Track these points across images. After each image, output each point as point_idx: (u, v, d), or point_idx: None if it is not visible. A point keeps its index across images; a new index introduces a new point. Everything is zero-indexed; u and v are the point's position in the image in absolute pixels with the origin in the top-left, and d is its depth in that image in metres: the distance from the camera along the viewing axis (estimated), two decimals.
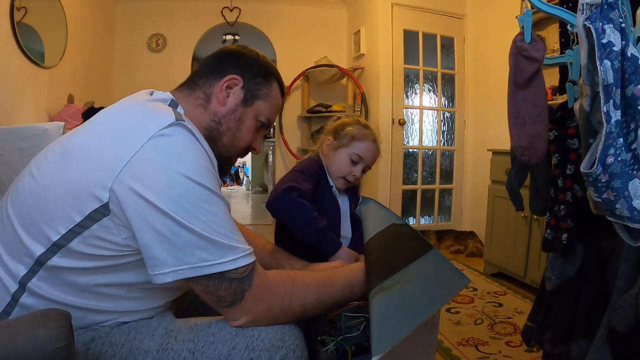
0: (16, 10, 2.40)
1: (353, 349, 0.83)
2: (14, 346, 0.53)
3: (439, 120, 3.82)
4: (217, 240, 0.66)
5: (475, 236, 3.29)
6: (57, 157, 0.71)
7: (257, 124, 0.88)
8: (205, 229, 0.65)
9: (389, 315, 0.69)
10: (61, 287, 0.69)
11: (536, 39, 0.98)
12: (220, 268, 0.66)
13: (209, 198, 0.67)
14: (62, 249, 0.67)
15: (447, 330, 1.90)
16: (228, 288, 0.68)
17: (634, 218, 0.75)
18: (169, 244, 0.64)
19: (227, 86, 0.84)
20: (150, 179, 0.64)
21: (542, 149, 1.02)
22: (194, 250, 0.65)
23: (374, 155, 1.28)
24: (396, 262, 0.83)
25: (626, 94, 0.75)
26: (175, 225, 0.64)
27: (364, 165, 1.27)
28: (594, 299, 1.01)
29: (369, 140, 1.26)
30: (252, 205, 6.22)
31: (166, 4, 4.10)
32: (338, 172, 1.27)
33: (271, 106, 0.89)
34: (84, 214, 0.65)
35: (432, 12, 3.67)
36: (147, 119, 0.68)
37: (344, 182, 1.28)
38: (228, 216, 0.70)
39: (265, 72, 0.88)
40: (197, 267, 0.65)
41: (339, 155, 1.26)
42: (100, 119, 0.73)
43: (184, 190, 0.65)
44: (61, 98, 2.94)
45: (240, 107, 0.85)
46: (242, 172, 8.82)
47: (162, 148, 0.65)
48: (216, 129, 0.83)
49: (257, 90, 0.86)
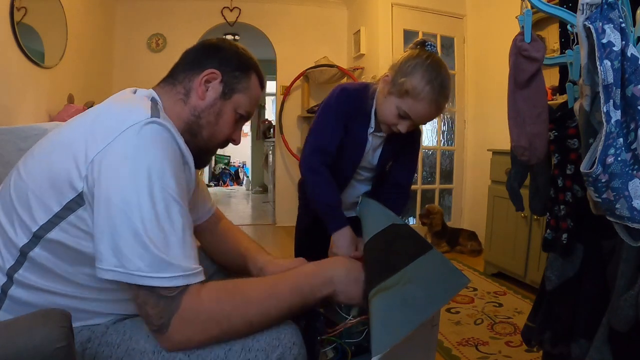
0: (16, 10, 2.40)
1: (353, 349, 0.83)
2: (14, 346, 0.53)
3: (439, 120, 3.82)
4: (156, 254, 0.63)
5: (475, 236, 3.29)
6: (43, 151, 0.73)
7: (236, 117, 0.88)
8: (149, 235, 0.63)
9: (389, 315, 0.69)
10: (47, 276, 0.69)
11: (536, 39, 0.98)
12: (152, 282, 0.63)
13: (164, 200, 0.65)
14: (41, 239, 0.68)
15: (447, 330, 1.89)
16: (155, 306, 0.64)
17: (634, 218, 0.75)
18: (113, 242, 0.63)
19: (206, 80, 0.84)
20: (113, 172, 0.64)
21: (542, 149, 1.02)
22: (133, 257, 0.63)
23: (428, 116, 1.10)
24: (396, 262, 0.83)
25: (626, 94, 0.75)
26: (123, 224, 0.63)
27: (411, 123, 1.11)
28: (594, 299, 1.01)
29: (425, 102, 1.06)
30: (252, 205, 6.21)
31: (166, 4, 4.10)
32: (383, 117, 1.14)
33: (250, 99, 0.90)
34: (62, 204, 0.67)
35: (432, 12, 3.67)
36: (123, 114, 0.70)
37: (388, 129, 1.15)
38: (181, 224, 0.67)
39: (243, 66, 0.88)
40: (131, 275, 0.63)
41: (388, 101, 1.11)
42: (84, 114, 0.75)
43: (142, 189, 0.64)
44: (61, 98, 2.94)
45: (219, 100, 0.85)
46: (242, 172, 8.82)
47: (131, 143, 0.66)
48: (196, 122, 0.84)
49: (236, 83, 0.87)
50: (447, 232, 3.34)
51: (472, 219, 3.63)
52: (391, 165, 1.30)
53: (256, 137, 7.34)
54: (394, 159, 1.29)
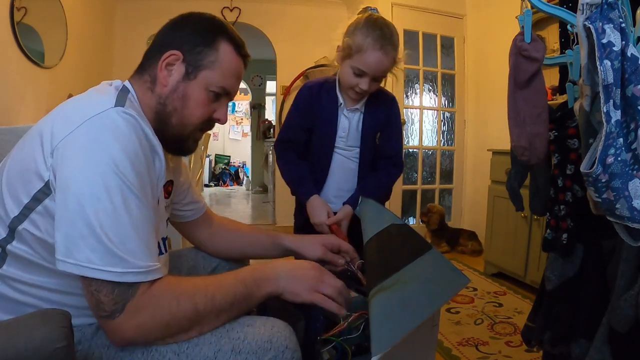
0: (16, 10, 2.40)
1: (353, 349, 0.83)
2: (14, 346, 0.53)
3: (439, 120, 3.82)
4: (109, 247, 0.62)
5: (475, 236, 3.29)
6: (19, 145, 0.74)
7: (209, 95, 0.81)
8: (103, 227, 0.62)
9: (389, 315, 0.69)
10: (30, 269, 0.69)
11: (536, 39, 0.98)
12: (103, 276, 0.62)
13: (122, 192, 0.64)
14: (15, 232, 0.68)
15: (447, 330, 1.89)
16: (110, 293, 0.63)
17: (634, 218, 0.75)
18: (67, 233, 0.62)
19: (166, 64, 0.78)
20: (72, 162, 0.63)
21: (542, 149, 1.02)
22: (84, 247, 0.61)
23: (379, 65, 1.16)
24: (395, 262, 0.83)
25: (626, 94, 0.75)
26: (78, 214, 0.62)
27: (371, 77, 1.17)
28: (594, 299, 1.01)
29: (370, 52, 1.14)
30: (252, 205, 6.21)
31: (166, 4, 4.09)
32: (344, 82, 1.23)
33: (223, 72, 0.81)
34: (31, 194, 0.66)
35: (432, 12, 3.66)
36: (88, 104, 0.69)
37: (355, 94, 1.22)
38: (138, 219, 0.65)
39: (207, 38, 0.80)
40: (82, 267, 0.62)
41: (344, 66, 1.21)
42: (57, 107, 0.74)
43: (97, 180, 0.62)
44: (61, 98, 2.91)
45: (182, 83, 0.79)
46: (242, 172, 8.82)
47: (91, 131, 0.65)
48: (163, 111, 0.79)
49: (200, 60, 0.79)
50: (447, 232, 3.34)
51: (472, 219, 3.63)
52: (379, 138, 1.36)
53: (256, 137, 7.35)
54: (381, 133, 1.35)
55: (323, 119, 1.32)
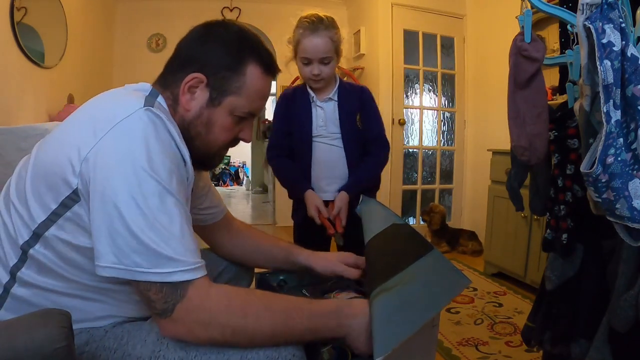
0: (16, 10, 2.40)
1: None
2: (14, 346, 0.53)
3: (439, 120, 3.82)
4: (154, 248, 0.62)
5: (475, 236, 3.29)
6: (40, 149, 0.73)
7: (234, 120, 0.78)
8: (144, 230, 0.62)
9: (390, 317, 0.69)
10: (49, 274, 0.69)
11: (536, 39, 0.98)
12: (153, 278, 0.63)
13: (159, 194, 0.64)
14: (40, 237, 0.68)
15: (447, 330, 1.90)
16: (159, 292, 0.64)
17: (634, 218, 0.75)
18: (111, 239, 0.62)
19: (189, 87, 0.75)
20: (106, 169, 0.63)
21: (542, 149, 1.02)
22: (131, 253, 0.62)
23: (317, 47, 1.30)
24: (397, 262, 0.83)
25: (626, 94, 0.75)
26: (118, 221, 0.62)
27: (317, 61, 1.32)
28: (594, 299, 1.01)
29: (305, 38, 1.30)
30: (252, 205, 6.21)
31: (166, 4, 4.10)
32: (302, 75, 1.40)
33: (249, 97, 0.77)
34: (58, 201, 0.66)
35: (432, 12, 3.66)
36: (115, 106, 0.68)
37: (314, 82, 1.37)
38: (178, 218, 0.65)
39: (235, 61, 0.76)
40: (131, 271, 0.63)
41: (297, 64, 1.39)
42: (78, 110, 0.73)
43: (135, 182, 0.62)
44: (61, 98, 2.93)
45: (206, 109, 0.76)
46: (242, 172, 8.82)
47: (122, 136, 0.64)
48: (187, 133, 0.76)
49: (226, 85, 0.75)
50: (447, 232, 3.34)
51: (472, 219, 3.63)
52: (360, 122, 1.45)
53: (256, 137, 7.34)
54: (360, 117, 1.45)
55: (299, 115, 1.44)
